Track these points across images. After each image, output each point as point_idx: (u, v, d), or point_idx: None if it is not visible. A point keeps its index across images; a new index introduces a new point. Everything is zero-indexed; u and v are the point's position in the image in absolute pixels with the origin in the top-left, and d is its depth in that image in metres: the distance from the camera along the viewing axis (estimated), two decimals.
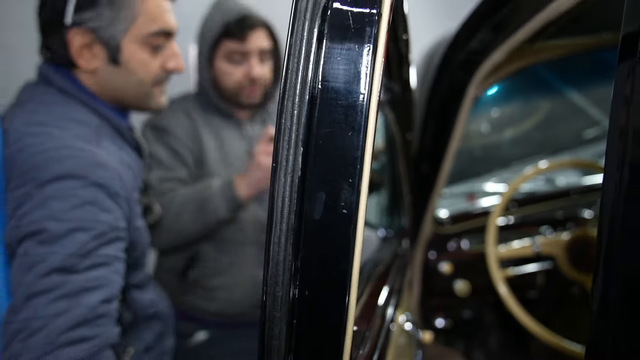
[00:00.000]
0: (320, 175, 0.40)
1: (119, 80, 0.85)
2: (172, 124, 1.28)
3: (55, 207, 0.69)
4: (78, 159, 0.73)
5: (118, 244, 0.75)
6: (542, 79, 1.41)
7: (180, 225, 1.18)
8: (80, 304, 0.67)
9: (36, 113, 0.78)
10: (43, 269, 0.66)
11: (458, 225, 1.37)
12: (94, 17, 0.81)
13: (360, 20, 0.44)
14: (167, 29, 0.86)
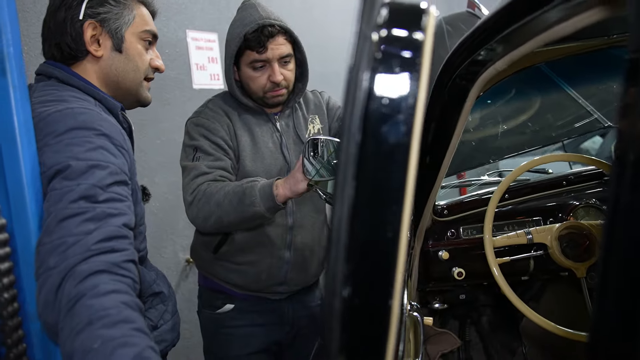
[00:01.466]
0: (370, 204, 0.45)
1: (121, 66, 1.03)
2: (212, 121, 1.45)
3: (75, 150, 0.81)
4: (89, 115, 0.87)
5: (125, 187, 0.86)
6: (536, 72, 1.46)
7: (220, 211, 1.29)
8: (106, 224, 0.77)
9: (42, 97, 0.91)
10: (71, 197, 0.76)
11: (455, 214, 1.43)
12: (105, 12, 0.99)
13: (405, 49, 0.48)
14: (154, 31, 1.08)
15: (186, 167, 1.43)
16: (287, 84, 1.46)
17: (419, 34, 0.49)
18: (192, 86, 2.56)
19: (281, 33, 1.40)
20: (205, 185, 1.35)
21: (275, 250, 1.50)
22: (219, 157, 1.41)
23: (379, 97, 0.47)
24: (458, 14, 1.99)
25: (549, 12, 0.66)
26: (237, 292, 1.54)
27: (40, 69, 1.00)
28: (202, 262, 1.59)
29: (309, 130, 1.56)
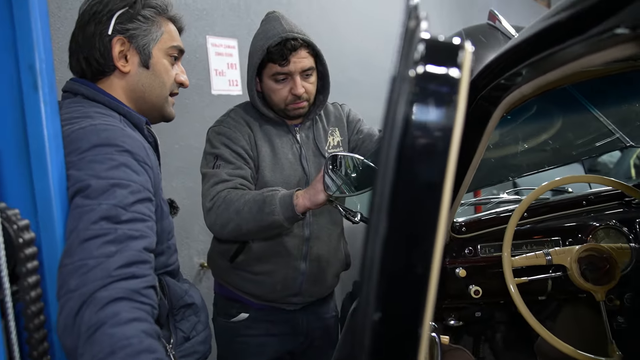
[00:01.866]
0: (402, 241, 0.46)
1: (147, 81, 1.04)
2: (234, 130, 1.47)
3: (96, 168, 0.81)
4: (112, 132, 0.87)
5: (148, 204, 0.86)
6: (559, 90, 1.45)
7: (239, 219, 1.30)
8: (127, 248, 0.76)
9: (68, 114, 0.92)
10: (92, 217, 0.77)
11: (473, 231, 1.42)
12: (134, 29, 1.01)
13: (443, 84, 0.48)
14: (180, 47, 1.10)
15: (206, 174, 1.44)
16: (309, 97, 1.47)
17: (455, 71, 0.49)
18: (211, 92, 2.58)
19: (304, 46, 1.41)
20: (225, 192, 1.36)
21: (291, 261, 1.51)
22: (240, 165, 1.42)
23: (415, 134, 0.48)
24: (478, 26, 1.98)
25: (580, 44, 0.66)
26: (253, 301, 1.55)
27: (66, 86, 1.02)
28: (219, 270, 1.60)
29: (328, 142, 1.56)
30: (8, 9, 0.77)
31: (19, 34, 0.77)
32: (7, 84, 0.78)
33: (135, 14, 1.00)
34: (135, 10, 1.00)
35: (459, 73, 0.49)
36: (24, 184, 0.77)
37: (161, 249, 0.95)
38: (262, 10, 2.80)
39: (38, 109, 0.78)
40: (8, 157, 0.77)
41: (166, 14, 1.06)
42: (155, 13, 1.03)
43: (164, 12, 1.05)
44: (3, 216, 0.70)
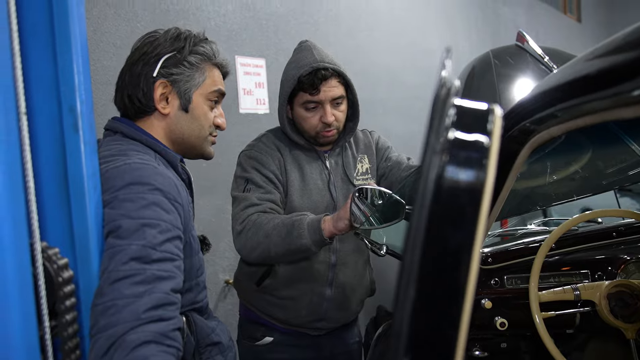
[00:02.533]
0: (431, 304, 0.46)
1: (186, 124, 1.07)
2: (265, 154, 1.51)
3: (128, 207, 0.84)
4: (144, 170, 0.90)
5: (177, 242, 0.88)
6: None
7: (268, 242, 1.32)
8: (155, 289, 0.78)
9: (105, 151, 0.96)
10: (123, 258, 0.79)
11: (499, 262, 1.41)
12: (178, 74, 1.04)
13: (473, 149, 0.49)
14: (222, 91, 1.12)
15: (237, 198, 1.47)
16: (338, 125, 1.50)
17: (485, 138, 0.50)
18: (239, 111, 2.62)
19: (334, 76, 1.44)
20: (255, 215, 1.39)
21: (317, 287, 1.52)
22: (269, 190, 1.46)
23: (445, 200, 0.48)
24: (506, 47, 1.97)
25: (613, 98, 0.65)
26: (278, 325, 1.56)
27: (108, 124, 1.06)
28: (245, 292, 1.63)
29: (357, 169, 1.58)
30: (52, 53, 0.80)
31: (62, 77, 0.81)
32: (48, 125, 0.81)
33: (181, 59, 1.03)
34: (182, 56, 1.03)
35: (488, 140, 0.49)
36: (64, 223, 0.80)
37: (189, 286, 0.97)
38: (290, 31, 2.85)
39: (78, 149, 0.81)
40: (49, 196, 0.80)
41: (213, 60, 1.09)
42: (201, 60, 1.05)
43: (210, 59, 1.08)
44: (44, 255, 0.73)
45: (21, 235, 0.69)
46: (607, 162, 1.59)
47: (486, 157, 0.49)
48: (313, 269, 1.51)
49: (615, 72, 0.63)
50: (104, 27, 2.06)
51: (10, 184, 0.67)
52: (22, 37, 0.75)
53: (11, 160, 0.67)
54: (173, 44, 1.04)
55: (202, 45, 1.07)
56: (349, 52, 3.16)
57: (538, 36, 5.89)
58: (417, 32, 3.98)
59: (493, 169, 0.49)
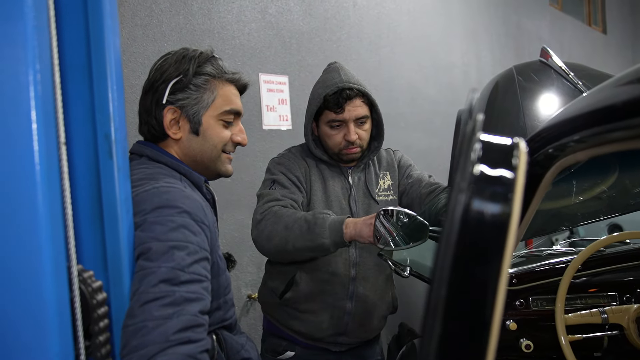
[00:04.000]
0: (457, 343, 0.47)
1: (197, 147, 1.08)
2: (292, 162, 1.58)
3: (157, 230, 0.86)
4: (172, 193, 0.93)
5: (205, 263, 0.90)
6: None
7: (287, 234, 1.35)
8: (184, 311, 0.80)
9: (133, 175, 0.97)
10: (152, 280, 0.81)
11: (525, 283, 1.40)
12: (184, 98, 1.05)
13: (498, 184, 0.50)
14: (236, 109, 1.10)
15: (261, 195, 1.53)
16: (362, 143, 1.54)
17: (510, 173, 0.51)
18: (262, 127, 2.66)
19: (359, 96, 1.48)
20: (277, 207, 1.43)
21: (337, 300, 1.54)
22: (294, 191, 1.51)
23: (471, 235, 0.49)
24: (530, 63, 1.96)
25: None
26: (300, 339, 1.58)
27: (133, 148, 1.09)
28: (268, 306, 1.65)
29: (379, 185, 1.61)
30: (89, 84, 0.84)
31: (97, 106, 0.84)
32: (85, 152, 0.84)
33: (187, 83, 1.04)
34: (187, 79, 1.04)
35: (513, 174, 0.50)
36: (97, 246, 0.83)
37: (218, 304, 0.99)
38: (312, 48, 2.89)
39: (112, 175, 0.85)
40: (84, 220, 0.83)
41: (222, 77, 1.09)
42: (207, 80, 1.06)
43: (218, 77, 1.08)
44: (80, 279, 0.76)
45: (59, 259, 0.72)
46: (635, 181, 1.56)
47: (511, 191, 0.50)
48: (333, 282, 1.54)
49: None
50: (132, 48, 2.12)
51: (50, 211, 0.70)
52: (62, 70, 0.79)
53: (51, 188, 0.71)
54: (178, 68, 1.05)
55: (207, 64, 1.07)
56: (371, 68, 3.19)
57: (562, 49, 5.83)
58: (439, 47, 3.99)
59: (519, 203, 0.50)
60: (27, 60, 0.66)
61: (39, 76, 0.67)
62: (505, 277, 0.49)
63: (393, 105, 3.37)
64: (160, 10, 2.21)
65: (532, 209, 1.07)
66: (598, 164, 1.50)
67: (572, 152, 0.91)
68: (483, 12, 4.61)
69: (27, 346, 0.70)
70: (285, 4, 2.77)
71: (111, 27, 0.82)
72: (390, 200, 1.62)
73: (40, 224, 0.68)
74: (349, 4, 3.12)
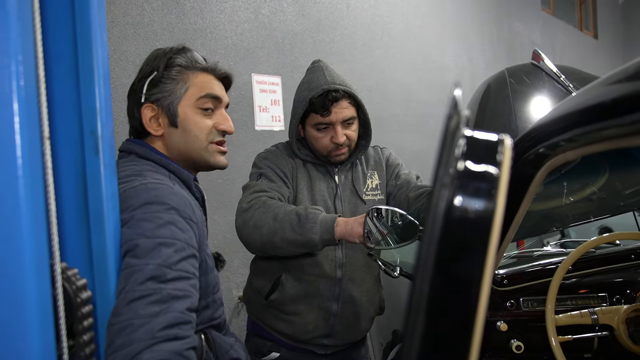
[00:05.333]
0: (440, 339, 0.47)
1: (179, 139, 1.07)
2: (279, 158, 1.57)
3: (144, 227, 0.86)
4: (160, 190, 0.92)
5: (192, 260, 0.90)
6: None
7: (276, 225, 1.33)
8: (171, 308, 0.80)
9: (121, 172, 0.98)
10: (139, 278, 0.80)
11: (515, 284, 1.40)
12: (158, 93, 1.05)
13: (482, 180, 0.50)
14: (212, 94, 1.08)
15: (248, 186, 1.51)
16: (349, 143, 1.53)
17: (494, 169, 0.51)
18: (255, 128, 2.66)
19: (345, 97, 1.47)
20: (265, 198, 1.41)
21: (323, 302, 1.53)
22: (280, 185, 1.50)
23: (454, 231, 0.49)
24: (522, 66, 1.97)
25: (632, 125, 0.66)
26: (285, 341, 1.57)
27: (123, 146, 1.09)
28: (253, 306, 1.64)
29: (367, 184, 1.60)
30: (75, 79, 0.83)
31: (84, 102, 0.83)
32: (70, 148, 0.83)
33: (159, 77, 1.05)
34: (159, 73, 1.05)
35: (498, 170, 0.50)
36: (83, 244, 0.82)
37: (206, 303, 0.98)
38: (305, 49, 2.89)
39: (98, 171, 0.84)
40: (69, 217, 0.82)
41: (196, 67, 1.08)
42: (179, 71, 1.06)
43: (190, 67, 1.07)
44: (64, 276, 0.74)
45: (42, 256, 0.71)
46: (625, 183, 1.57)
47: (495, 187, 0.50)
48: (319, 283, 1.53)
49: (635, 99, 0.64)
50: (123, 47, 2.11)
51: (32, 206, 0.69)
52: (47, 63, 0.78)
53: (34, 183, 0.70)
54: (151, 66, 1.06)
55: (178, 56, 1.07)
56: (364, 69, 3.19)
57: (554, 53, 5.87)
58: (432, 49, 4.00)
59: (502, 199, 0.50)
60: (9, 50, 0.64)
61: (22, 68, 0.66)
62: (490, 275, 0.49)
63: (386, 107, 3.37)
64: (152, 9, 2.20)
65: (523, 210, 1.08)
66: (588, 165, 1.50)
67: (562, 152, 0.91)
68: (475, 15, 4.63)
69: (7, 345, 0.68)
70: (278, 4, 2.77)
71: (98, 18, 0.81)
72: (378, 199, 1.61)
73: (22, 220, 0.67)
74: (342, 6, 3.12)
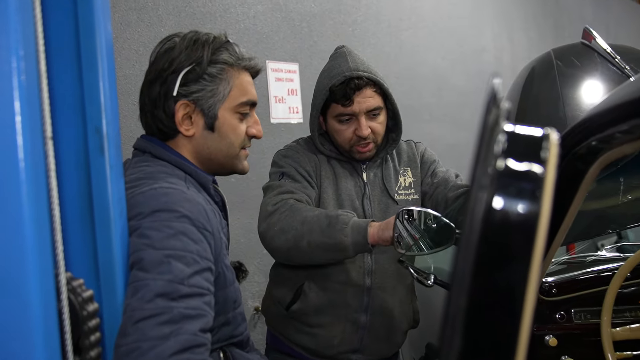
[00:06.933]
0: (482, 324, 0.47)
1: (213, 144, 1.08)
2: (301, 154, 1.57)
3: (153, 237, 0.87)
4: (171, 196, 0.93)
5: (207, 274, 0.90)
6: None
7: (302, 230, 1.34)
8: (182, 330, 0.80)
9: (133, 174, 0.99)
10: (147, 295, 0.81)
11: (566, 293, 1.39)
12: (198, 90, 1.04)
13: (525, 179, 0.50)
14: (253, 99, 1.10)
15: (270, 186, 1.52)
16: (375, 137, 1.53)
17: (539, 167, 0.51)
18: (270, 120, 2.68)
19: (369, 85, 1.47)
20: (292, 201, 1.42)
21: (350, 313, 1.53)
22: (305, 185, 1.51)
23: (494, 238, 0.50)
24: (570, 46, 1.95)
25: None
26: (307, 356, 1.58)
27: (137, 143, 1.10)
28: (272, 318, 1.65)
29: (399, 183, 1.60)
30: (78, 72, 0.86)
31: (87, 97, 0.85)
32: (73, 148, 0.85)
33: (201, 73, 1.03)
34: (201, 69, 1.03)
35: (543, 169, 0.50)
36: (88, 252, 0.84)
37: (226, 319, 0.99)
38: (325, 32, 2.90)
39: (104, 173, 0.86)
40: (73, 223, 0.85)
41: (238, 65, 1.08)
42: (222, 69, 1.05)
43: (235, 63, 1.07)
44: (69, 287, 0.77)
45: (46, 266, 0.73)
46: None
47: (540, 187, 0.50)
48: (346, 293, 1.53)
49: None
50: (126, 34, 2.15)
51: (35, 212, 0.71)
52: (48, 56, 0.81)
53: (37, 187, 0.72)
54: (190, 56, 1.03)
55: (223, 50, 1.06)
56: (390, 54, 3.19)
57: (608, 30, 5.75)
58: (467, 30, 3.96)
59: (548, 201, 0.50)
60: (10, 46, 0.66)
61: (23, 64, 0.68)
62: (535, 284, 0.49)
63: (416, 96, 3.36)
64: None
65: (573, 211, 1.07)
66: None
67: (618, 145, 0.90)
68: None
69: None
70: None
71: (101, 8, 0.84)
72: (412, 200, 1.60)
73: (25, 227, 0.69)
74: None
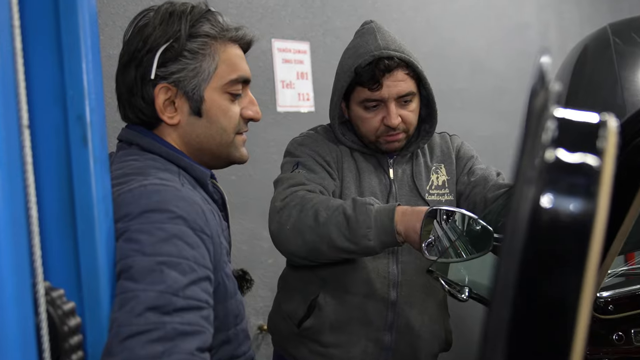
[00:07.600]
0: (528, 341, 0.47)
1: (203, 131, 1.07)
2: (321, 143, 1.58)
3: (143, 241, 0.87)
4: (164, 193, 0.92)
5: (205, 284, 0.90)
6: None
7: (322, 232, 1.32)
8: (177, 349, 0.80)
9: (119, 169, 0.99)
10: (136, 308, 0.81)
11: (624, 310, 1.39)
12: (179, 70, 1.03)
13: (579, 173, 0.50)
14: (245, 76, 1.09)
15: (281, 179, 1.52)
16: (406, 127, 1.53)
17: (594, 159, 0.51)
18: (276, 108, 2.68)
19: (401, 67, 1.46)
20: (302, 192, 1.41)
21: (371, 331, 1.54)
22: (323, 176, 1.50)
23: (541, 241, 0.50)
24: (630, 20, 1.93)
25: None
26: None
27: (122, 134, 1.09)
28: (281, 337, 1.66)
29: (431, 181, 1.60)
30: (58, 51, 0.87)
31: (68, 80, 0.86)
32: (52, 138, 0.86)
33: (180, 50, 1.01)
34: (180, 45, 1.01)
35: (599, 161, 0.50)
36: (69, 257, 0.85)
37: (226, 337, 1.00)
38: (341, 5, 2.91)
39: (87, 166, 0.87)
40: (52, 224, 0.85)
41: (223, 37, 1.06)
42: (205, 43, 1.03)
43: (219, 35, 1.05)
44: (48, 299, 0.78)
45: (22, 273, 0.74)
46: None
47: (596, 183, 0.50)
48: (367, 307, 1.53)
49: None
50: (110, 9, 2.17)
51: (10, 212, 0.72)
52: (24, 35, 0.82)
53: (12, 183, 0.73)
54: (166, 31, 1.02)
55: (204, 21, 1.04)
56: (417, 31, 3.18)
57: None
58: (507, 2, 3.94)
59: (606, 199, 0.50)
60: None
61: None
62: (590, 299, 0.49)
63: (447, 80, 3.35)
64: None
65: (634, 211, 1.07)
66: None
67: None
68: None
69: None
70: None
71: None
72: (445, 200, 1.60)
73: None
74: None
